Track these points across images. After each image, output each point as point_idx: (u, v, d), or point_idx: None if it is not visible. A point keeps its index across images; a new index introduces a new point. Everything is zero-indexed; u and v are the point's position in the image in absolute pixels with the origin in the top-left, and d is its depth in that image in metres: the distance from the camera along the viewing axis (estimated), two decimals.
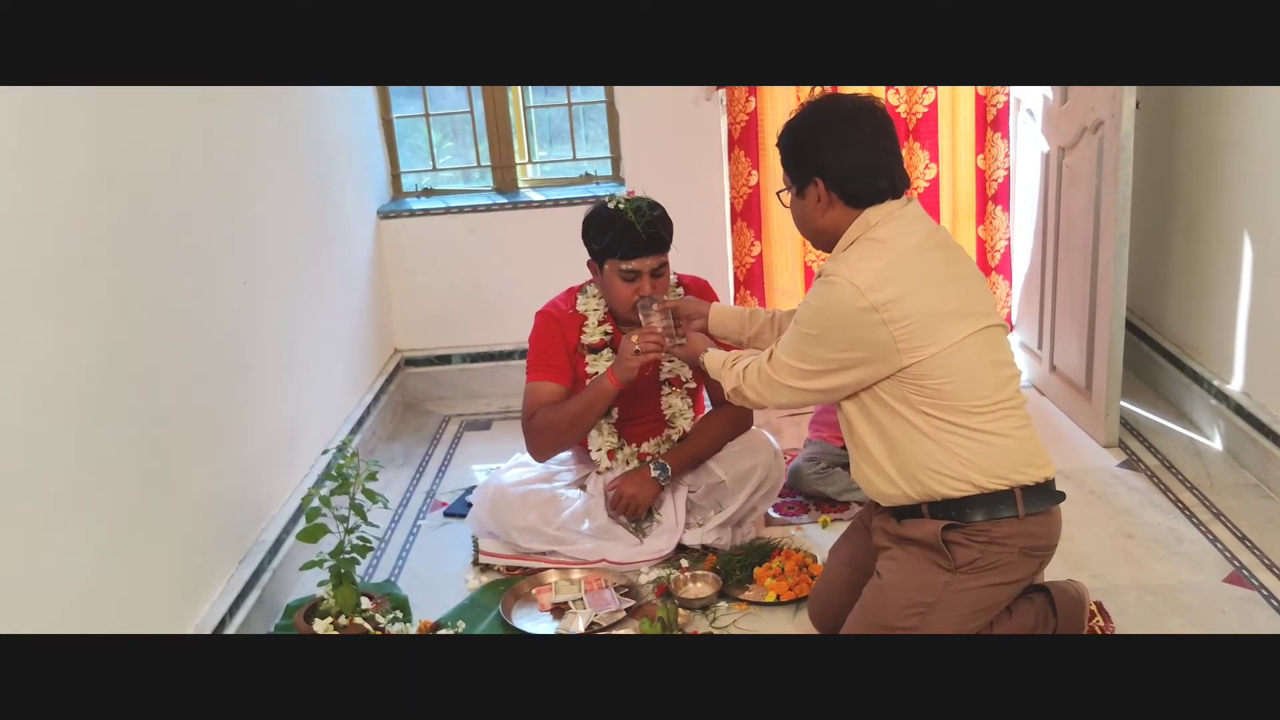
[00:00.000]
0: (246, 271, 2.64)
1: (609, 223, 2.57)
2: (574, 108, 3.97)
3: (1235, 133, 3.03)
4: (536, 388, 2.71)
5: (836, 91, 2.64)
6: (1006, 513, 1.99)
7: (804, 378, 2.07)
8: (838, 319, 1.99)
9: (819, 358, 2.04)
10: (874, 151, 2.02)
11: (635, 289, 2.57)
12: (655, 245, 2.56)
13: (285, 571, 2.62)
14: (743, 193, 3.75)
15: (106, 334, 1.99)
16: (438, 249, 3.91)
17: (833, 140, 2.02)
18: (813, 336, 2.03)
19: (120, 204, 2.06)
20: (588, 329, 2.72)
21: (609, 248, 2.57)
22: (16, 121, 1.75)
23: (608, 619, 2.47)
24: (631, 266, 2.56)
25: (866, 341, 1.97)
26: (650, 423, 2.81)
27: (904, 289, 1.95)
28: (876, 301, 1.94)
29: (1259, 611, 2.39)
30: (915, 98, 3.68)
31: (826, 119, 2.04)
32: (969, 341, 1.98)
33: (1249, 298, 3.00)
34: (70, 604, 1.84)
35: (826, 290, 2.00)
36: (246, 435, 2.59)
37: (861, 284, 1.94)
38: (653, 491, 2.71)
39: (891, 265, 1.97)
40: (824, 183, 2.02)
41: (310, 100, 3.25)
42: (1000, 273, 3.89)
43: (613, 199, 2.61)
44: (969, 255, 2.26)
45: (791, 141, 2.08)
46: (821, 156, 2.02)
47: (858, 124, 2.02)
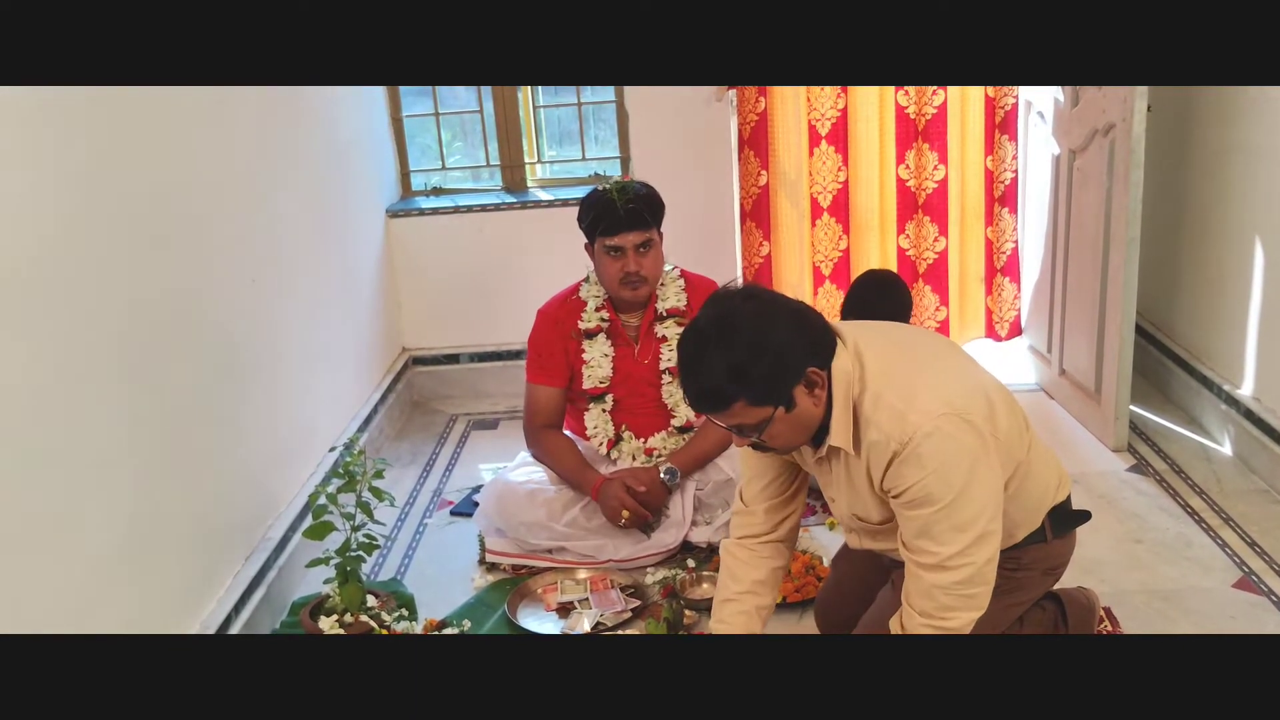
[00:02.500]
0: (255, 270, 2.65)
1: (595, 203, 2.69)
2: (583, 108, 3.97)
3: (1247, 137, 3.01)
4: (534, 391, 2.84)
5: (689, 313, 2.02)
6: (1035, 540, 1.94)
7: (987, 545, 1.72)
8: (968, 460, 1.68)
9: (977, 517, 1.70)
10: (800, 311, 1.74)
11: (621, 265, 2.66)
12: (634, 222, 2.65)
13: (291, 569, 2.62)
14: (752, 193, 3.74)
15: (115, 330, 1.99)
16: (447, 248, 3.91)
17: (785, 332, 1.68)
18: (953, 505, 1.69)
19: (129, 203, 2.06)
20: (585, 315, 2.79)
21: (593, 225, 2.68)
22: (26, 121, 1.75)
23: (613, 619, 2.47)
24: (614, 242, 2.65)
25: (991, 463, 1.73)
26: (651, 411, 2.83)
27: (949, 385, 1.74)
28: (977, 419, 1.70)
29: (1268, 617, 2.38)
30: (925, 99, 3.67)
31: (762, 322, 1.68)
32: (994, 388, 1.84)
33: (1260, 302, 2.99)
34: (77, 600, 1.84)
35: (931, 448, 1.67)
36: (254, 433, 2.59)
37: (952, 408, 1.68)
38: (661, 497, 2.73)
39: (916, 376, 1.76)
40: (814, 374, 1.70)
41: (320, 100, 3.25)
42: (1007, 275, 3.88)
43: (604, 181, 2.73)
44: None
45: (759, 373, 1.66)
46: (792, 357, 1.68)
47: (774, 304, 1.73)
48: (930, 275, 3.85)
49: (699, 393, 1.69)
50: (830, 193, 3.76)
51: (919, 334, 1.95)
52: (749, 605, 2.00)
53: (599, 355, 2.77)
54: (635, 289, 2.69)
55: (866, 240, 3.80)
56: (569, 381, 2.81)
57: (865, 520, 1.90)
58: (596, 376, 2.79)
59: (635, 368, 2.77)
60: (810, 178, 3.75)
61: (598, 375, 2.78)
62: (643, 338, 2.79)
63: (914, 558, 1.74)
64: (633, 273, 2.66)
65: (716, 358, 1.64)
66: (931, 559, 1.71)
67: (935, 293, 3.87)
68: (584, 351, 2.78)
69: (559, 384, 2.80)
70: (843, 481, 1.86)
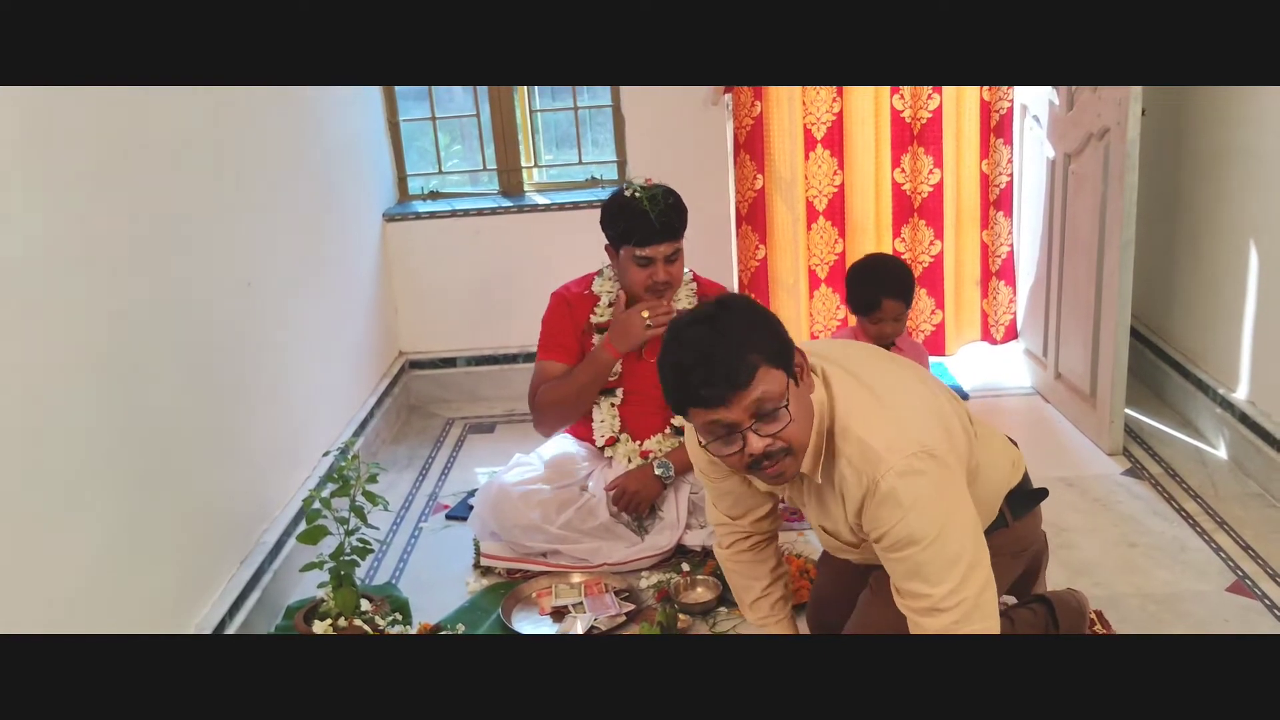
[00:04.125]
0: (252, 273, 2.65)
1: (624, 210, 2.67)
2: (580, 111, 3.97)
3: (1242, 140, 3.02)
4: (544, 366, 2.82)
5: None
6: (997, 526, 1.95)
7: (978, 573, 1.68)
8: (943, 494, 1.67)
9: (962, 548, 1.67)
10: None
11: (650, 274, 2.68)
12: (668, 233, 2.65)
13: (286, 573, 2.62)
14: (748, 197, 3.75)
15: (110, 334, 2.00)
16: (443, 252, 3.92)
17: (771, 316, 1.69)
18: (939, 541, 1.65)
19: (125, 205, 2.07)
20: (598, 310, 2.81)
21: (624, 235, 2.67)
22: (19, 121, 1.75)
23: (607, 623, 2.47)
24: (646, 254, 2.66)
25: (963, 490, 1.72)
26: (651, 411, 2.84)
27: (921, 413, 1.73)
28: (942, 451, 1.67)
29: (1262, 621, 2.38)
30: (920, 103, 3.68)
31: (750, 305, 1.70)
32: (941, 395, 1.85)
33: (1255, 305, 2.99)
34: (71, 603, 1.84)
35: (906, 487, 1.64)
36: (250, 437, 2.60)
37: (922, 446, 1.66)
38: (655, 489, 2.75)
39: (886, 403, 1.72)
40: (800, 363, 1.68)
41: (317, 103, 3.26)
42: (1002, 278, 3.89)
43: (630, 186, 2.70)
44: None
45: (768, 334, 1.64)
46: (784, 332, 1.68)
47: (752, 305, 1.73)
48: (926, 279, 3.85)
49: (717, 365, 1.59)
50: (826, 196, 3.76)
51: (874, 358, 1.90)
52: (777, 595, 2.11)
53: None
54: (660, 296, 2.72)
55: (862, 244, 3.81)
56: (579, 362, 2.81)
57: (835, 536, 1.90)
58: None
59: (641, 366, 2.79)
60: (806, 182, 3.76)
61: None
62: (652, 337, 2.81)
63: (908, 604, 1.70)
64: (661, 281, 2.68)
65: (726, 329, 1.60)
66: (925, 602, 1.66)
67: (931, 296, 3.88)
68: (594, 344, 2.79)
69: (572, 361, 2.81)
70: (813, 502, 1.87)
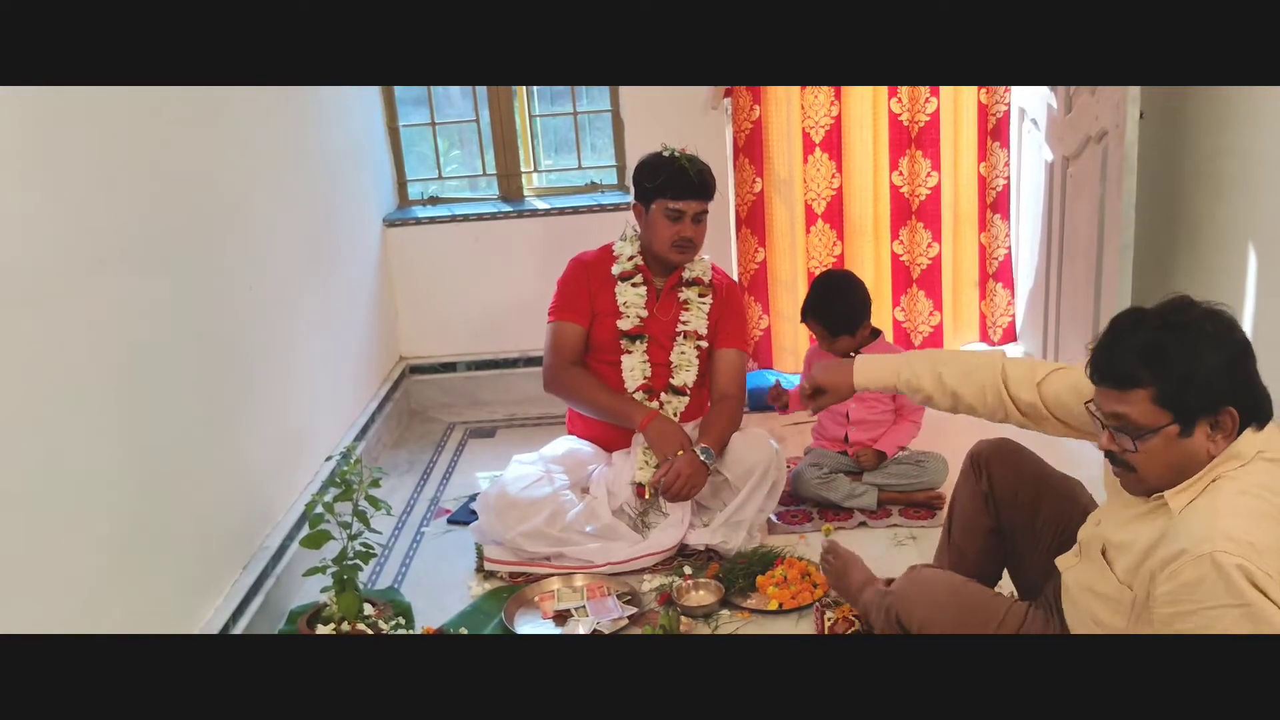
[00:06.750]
0: (252, 278, 2.66)
1: (663, 165, 2.78)
2: (579, 116, 3.98)
3: (1240, 142, 3.03)
4: (558, 329, 2.89)
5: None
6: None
7: None
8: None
9: None
10: (1252, 365, 1.63)
11: (678, 230, 2.76)
12: (702, 191, 2.77)
13: (289, 578, 2.63)
14: (747, 199, 3.76)
15: (112, 339, 2.00)
16: (443, 257, 3.93)
17: (1227, 364, 1.58)
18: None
19: (125, 211, 2.07)
20: (619, 261, 2.88)
21: (661, 187, 2.76)
22: (20, 124, 1.76)
23: (610, 626, 2.47)
24: (678, 206, 2.75)
25: None
26: (660, 366, 2.89)
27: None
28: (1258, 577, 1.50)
29: None
30: (918, 106, 3.69)
31: (1214, 341, 1.59)
32: None
33: (1253, 308, 2.99)
34: (75, 607, 1.85)
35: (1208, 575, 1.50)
36: (252, 441, 2.60)
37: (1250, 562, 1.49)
38: (705, 475, 2.73)
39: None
40: (1228, 416, 1.59)
41: (317, 108, 3.27)
42: (1000, 280, 3.90)
43: (666, 148, 2.80)
44: None
45: (1178, 373, 1.57)
46: (1220, 385, 1.58)
47: (1233, 337, 1.62)
48: (924, 280, 3.86)
49: (1118, 355, 1.60)
50: (824, 199, 3.77)
51: None
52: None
53: (634, 296, 2.85)
54: (684, 253, 2.80)
55: (860, 246, 3.82)
56: (589, 324, 2.87)
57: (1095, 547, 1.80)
58: (634, 314, 2.85)
59: (652, 324, 2.86)
60: (804, 184, 3.77)
61: (635, 312, 2.85)
62: (665, 295, 2.88)
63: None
64: (687, 237, 2.77)
65: (1159, 343, 1.58)
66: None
67: (929, 298, 3.89)
68: (617, 294, 2.85)
69: (583, 323, 2.87)
70: (1124, 520, 1.74)
